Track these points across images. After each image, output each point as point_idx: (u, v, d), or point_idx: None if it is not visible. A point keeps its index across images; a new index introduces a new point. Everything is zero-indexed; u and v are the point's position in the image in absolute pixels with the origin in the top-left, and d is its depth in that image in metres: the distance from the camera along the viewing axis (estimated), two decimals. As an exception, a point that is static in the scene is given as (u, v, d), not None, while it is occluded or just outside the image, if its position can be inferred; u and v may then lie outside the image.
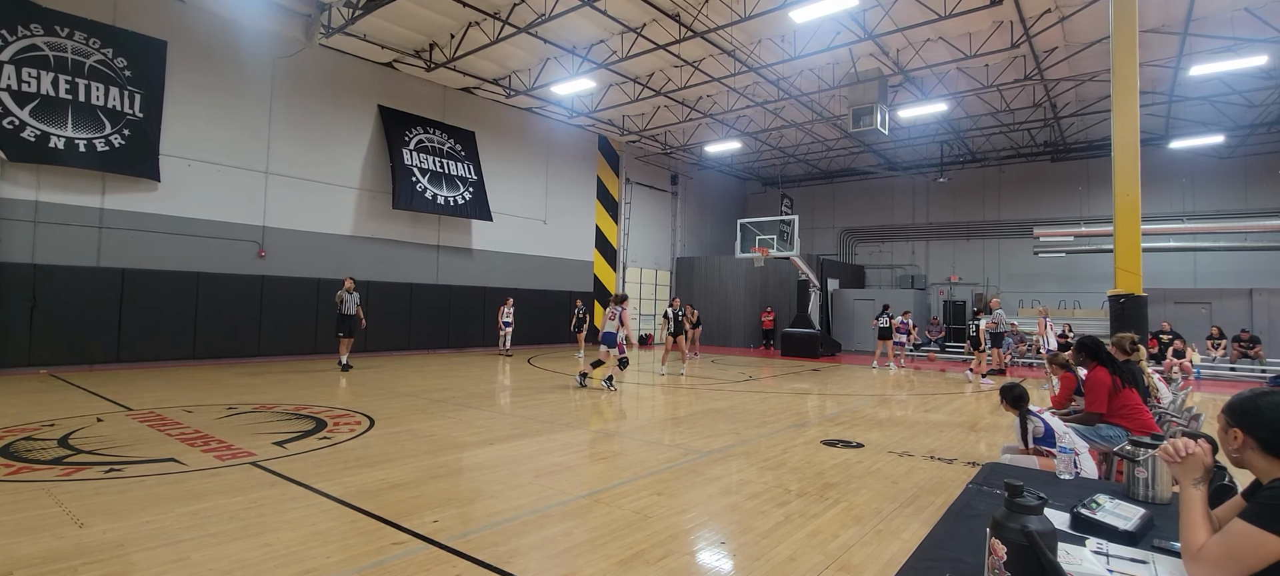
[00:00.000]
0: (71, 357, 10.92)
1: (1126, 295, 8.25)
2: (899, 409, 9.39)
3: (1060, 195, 21.62)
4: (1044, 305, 16.54)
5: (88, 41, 11.04)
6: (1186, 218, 19.19)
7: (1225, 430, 1.70)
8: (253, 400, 8.42)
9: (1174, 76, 14.66)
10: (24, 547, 3.46)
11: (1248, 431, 1.62)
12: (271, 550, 3.51)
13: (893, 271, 25.28)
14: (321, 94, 14.36)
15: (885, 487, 5.11)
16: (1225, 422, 1.70)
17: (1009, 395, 4.37)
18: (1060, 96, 16.68)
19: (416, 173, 15.68)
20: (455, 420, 7.49)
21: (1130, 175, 8.39)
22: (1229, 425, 1.68)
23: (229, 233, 12.86)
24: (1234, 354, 16.04)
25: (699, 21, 12.63)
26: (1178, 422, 5.00)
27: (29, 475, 4.82)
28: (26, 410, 7.30)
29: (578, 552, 3.63)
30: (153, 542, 3.58)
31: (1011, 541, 1.47)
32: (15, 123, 10.24)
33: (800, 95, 16.59)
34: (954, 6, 11.66)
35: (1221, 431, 1.72)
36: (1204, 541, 1.58)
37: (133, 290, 11.56)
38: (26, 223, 10.60)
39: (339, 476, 4.99)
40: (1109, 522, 2.01)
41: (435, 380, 11.06)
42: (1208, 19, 12.32)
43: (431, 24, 13.57)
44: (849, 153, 23.43)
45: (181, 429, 6.52)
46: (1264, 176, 18.63)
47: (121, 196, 11.54)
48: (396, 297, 15.59)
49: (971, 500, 2.45)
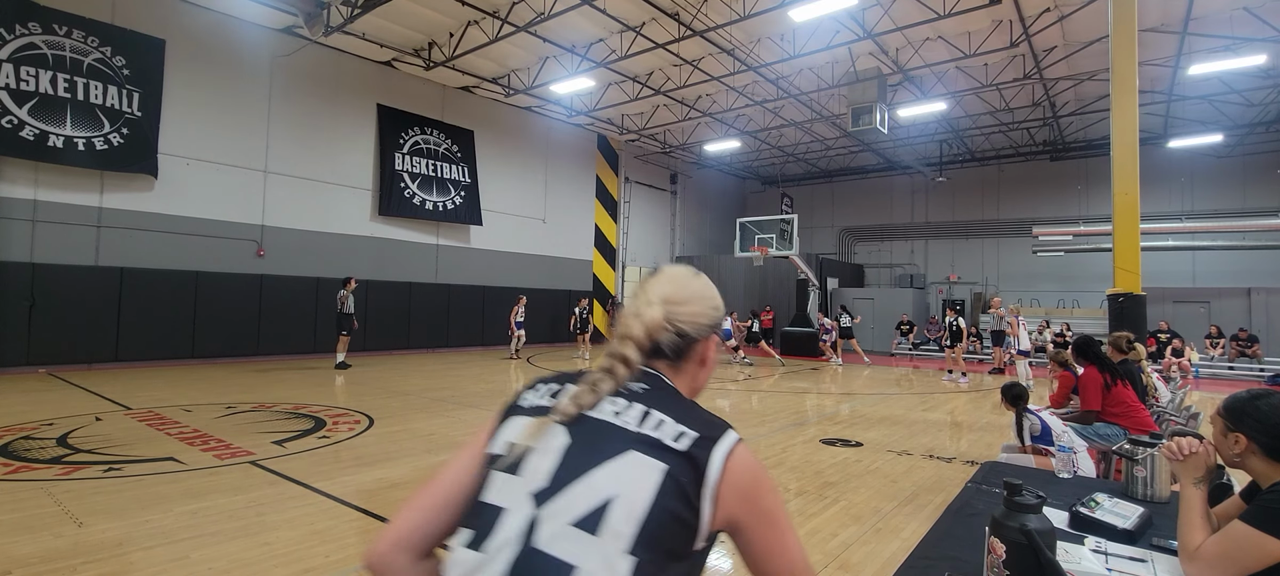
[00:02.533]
0: (70, 357, 10.91)
1: (1125, 294, 8.25)
2: (898, 407, 9.40)
3: (1059, 194, 21.63)
4: (1018, 304, 16.54)
5: (86, 40, 11.02)
6: (1185, 217, 19.21)
7: (1224, 433, 1.68)
8: (251, 399, 8.42)
9: (1173, 75, 14.67)
10: (23, 546, 3.45)
11: (1250, 435, 1.62)
12: (270, 549, 3.51)
13: (892, 270, 25.28)
14: (320, 93, 14.35)
15: (884, 486, 5.11)
16: (1224, 426, 1.68)
17: (1009, 394, 4.37)
18: (1059, 95, 16.69)
19: (406, 178, 15.68)
20: (454, 419, 7.49)
21: (1129, 174, 8.39)
22: (1229, 429, 1.67)
23: (228, 232, 12.84)
24: (1232, 353, 16.06)
25: (698, 20, 12.62)
26: (1176, 421, 5.01)
27: (28, 474, 4.82)
28: (25, 409, 7.29)
29: (577, 551, 3.63)
30: (152, 541, 3.57)
31: (1010, 540, 1.47)
32: (14, 121, 10.22)
33: (799, 94, 16.59)
34: (953, 5, 11.66)
35: (1219, 434, 1.71)
36: (1202, 541, 1.58)
37: (131, 289, 11.54)
38: (25, 222, 10.58)
39: (338, 475, 4.99)
40: (1107, 521, 2.01)
41: (434, 379, 11.06)
42: (1207, 18, 12.32)
43: (430, 23, 13.55)
44: (848, 152, 23.43)
45: (180, 428, 6.51)
46: (1263, 175, 18.65)
47: (120, 195, 11.53)
48: (395, 296, 15.58)
49: (970, 499, 2.46)
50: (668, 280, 1.11)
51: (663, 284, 1.10)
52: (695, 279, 1.14)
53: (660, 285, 1.10)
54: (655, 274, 1.14)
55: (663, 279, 1.12)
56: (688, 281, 1.12)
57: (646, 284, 1.11)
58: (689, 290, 1.11)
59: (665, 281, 1.11)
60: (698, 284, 1.13)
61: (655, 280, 1.12)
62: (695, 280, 1.13)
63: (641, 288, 1.11)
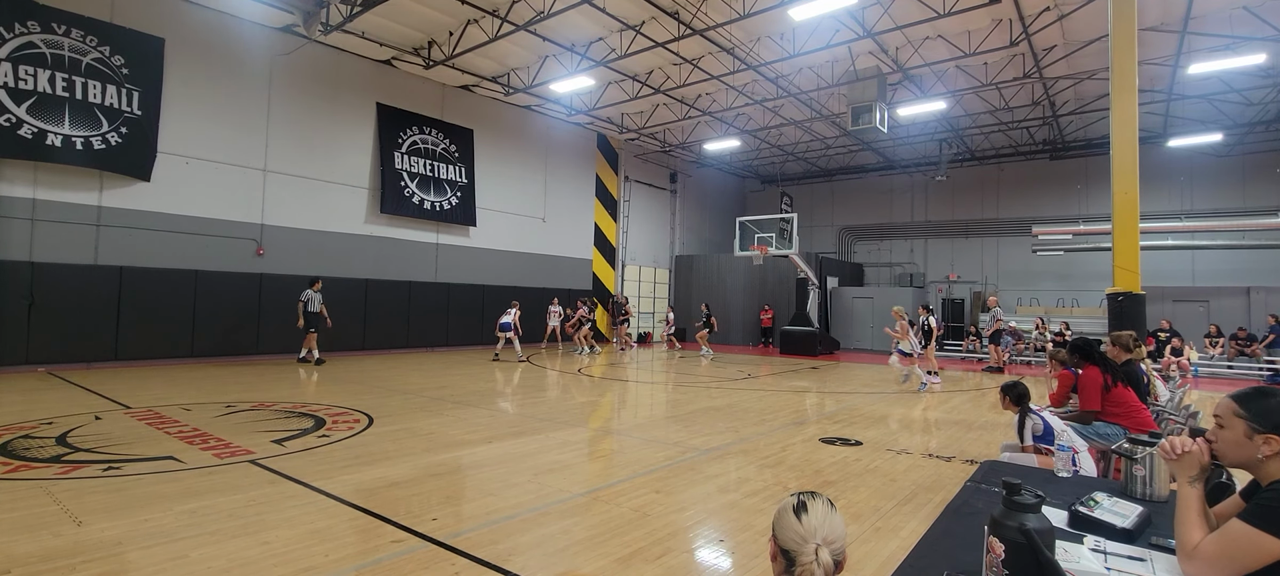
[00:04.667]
0: (69, 355, 10.91)
1: (1125, 293, 8.26)
2: (898, 407, 9.40)
3: (1059, 193, 21.63)
4: (903, 309, 14.88)
5: (85, 39, 11.01)
6: (1185, 216, 19.21)
7: (1251, 435, 1.60)
8: (251, 398, 8.42)
9: (1172, 74, 14.66)
10: (22, 545, 3.45)
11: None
12: (269, 548, 3.51)
13: (891, 270, 25.29)
14: (320, 91, 14.33)
15: (883, 485, 5.11)
16: (1251, 427, 1.60)
17: (1012, 393, 4.37)
18: (1059, 95, 16.68)
19: (405, 177, 15.70)
20: (454, 418, 7.49)
21: (1129, 173, 8.39)
22: (1258, 430, 1.59)
23: (227, 231, 12.84)
24: (1231, 352, 16.07)
25: (698, 19, 12.61)
26: (1176, 421, 5.02)
27: (27, 473, 4.81)
28: (24, 408, 7.29)
29: (576, 550, 3.63)
30: (150, 540, 3.57)
31: (1009, 539, 1.47)
32: (12, 120, 10.21)
33: (799, 93, 16.58)
34: (953, 5, 11.65)
35: (1243, 437, 1.62)
36: (1199, 540, 1.57)
37: (131, 288, 11.54)
38: (24, 221, 10.58)
39: (337, 474, 4.99)
40: (1107, 520, 2.01)
41: (434, 378, 11.06)
42: (1206, 17, 12.32)
43: (430, 21, 13.54)
44: (848, 150, 23.43)
45: (180, 427, 6.51)
46: (1262, 174, 18.65)
47: (119, 194, 11.52)
48: (395, 295, 15.58)
49: (969, 498, 2.46)
50: (826, 523, 1.33)
51: (826, 529, 1.31)
52: (834, 514, 1.35)
53: (826, 529, 1.31)
54: (810, 511, 1.33)
55: (826, 523, 1.32)
56: (837, 523, 1.34)
57: (812, 525, 1.31)
58: (839, 531, 1.33)
59: (829, 525, 1.32)
60: (838, 521, 1.35)
61: (821, 523, 1.31)
62: (835, 515, 1.35)
63: (807, 529, 1.30)
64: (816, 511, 1.32)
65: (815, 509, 1.33)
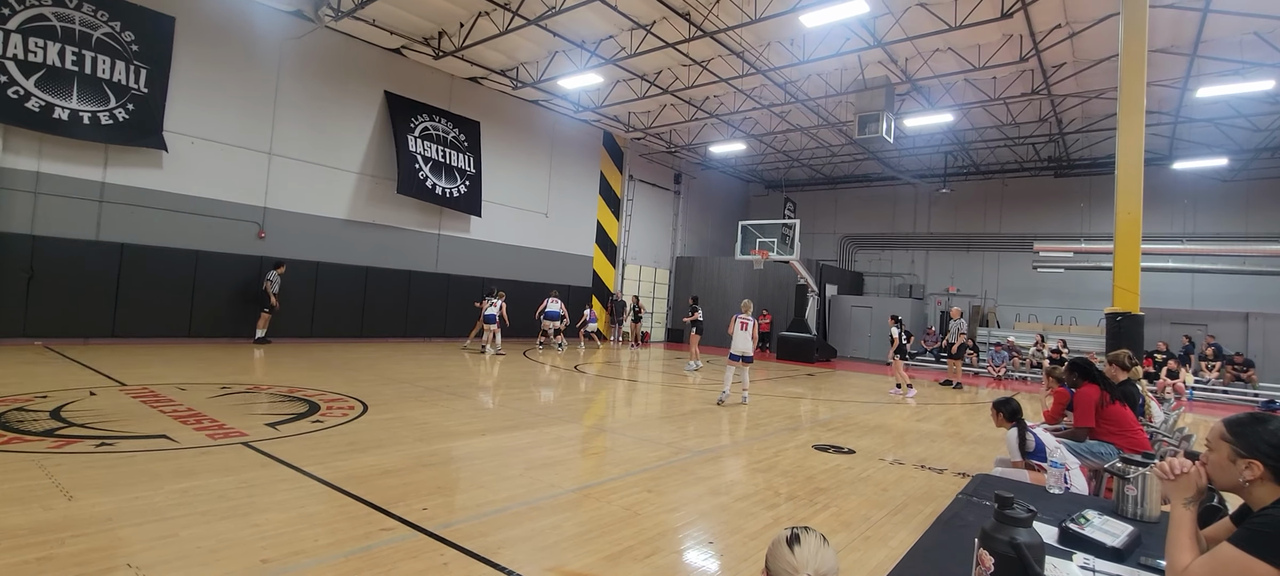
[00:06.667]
0: (67, 330, 10.91)
1: (1123, 313, 8.25)
2: (892, 416, 9.40)
3: (1061, 211, 21.62)
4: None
5: (96, 14, 11.00)
6: (1186, 239, 19.19)
7: (1234, 459, 1.62)
8: (246, 380, 8.42)
9: (1180, 97, 14.65)
10: (12, 518, 3.45)
11: (1266, 461, 1.57)
12: (260, 530, 3.51)
13: (892, 280, 25.28)
14: (328, 77, 14.33)
15: (875, 494, 5.11)
16: (1234, 452, 1.63)
17: (1005, 409, 4.37)
18: (1066, 112, 16.68)
19: (419, 160, 15.69)
20: (448, 409, 7.50)
21: (1133, 193, 8.37)
22: (1241, 454, 1.61)
23: (230, 212, 12.83)
24: (1227, 376, 16.06)
25: (709, 21, 12.60)
26: (1169, 442, 5.01)
27: (20, 446, 4.82)
28: (20, 381, 7.29)
29: (566, 546, 3.64)
30: (141, 518, 3.57)
31: (999, 553, 1.47)
32: (20, 92, 10.20)
33: (807, 100, 16.57)
34: (965, 17, 11.64)
35: (1227, 460, 1.64)
36: (1190, 562, 1.57)
37: (131, 265, 11.53)
38: (27, 193, 10.57)
39: (330, 460, 4.99)
40: (1097, 538, 2.01)
41: (429, 368, 11.06)
42: (1217, 41, 12.30)
43: (441, 11, 13.52)
44: (853, 159, 23.42)
45: (174, 406, 6.51)
46: (1266, 201, 18.64)
47: (123, 171, 11.51)
48: (395, 284, 15.58)
49: (961, 510, 2.46)
50: (817, 556, 1.36)
51: (818, 562, 1.34)
52: (826, 548, 1.38)
53: (818, 562, 1.34)
54: (802, 543, 1.37)
55: (817, 556, 1.35)
56: (829, 557, 1.37)
57: (804, 558, 1.34)
58: (831, 565, 1.37)
59: (820, 558, 1.35)
60: (830, 555, 1.38)
61: (813, 557, 1.34)
62: (827, 549, 1.38)
63: (799, 560, 1.33)
64: (809, 545, 1.36)
65: (808, 542, 1.36)
